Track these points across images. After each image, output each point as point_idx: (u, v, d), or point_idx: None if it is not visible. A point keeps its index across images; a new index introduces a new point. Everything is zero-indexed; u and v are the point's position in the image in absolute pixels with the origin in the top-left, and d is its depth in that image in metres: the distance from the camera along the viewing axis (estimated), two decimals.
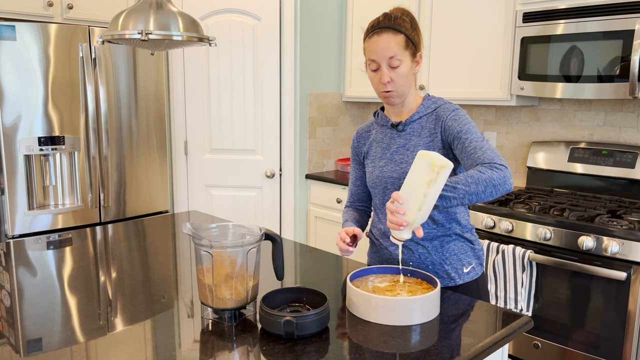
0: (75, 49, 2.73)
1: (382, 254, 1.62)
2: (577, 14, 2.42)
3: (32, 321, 1.25)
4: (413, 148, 1.52)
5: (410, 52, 1.47)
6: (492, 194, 1.30)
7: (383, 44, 1.44)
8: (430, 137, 1.51)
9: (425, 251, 1.54)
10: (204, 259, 1.22)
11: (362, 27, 3.30)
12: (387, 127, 1.60)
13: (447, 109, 1.50)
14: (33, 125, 2.64)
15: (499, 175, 1.30)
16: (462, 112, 1.49)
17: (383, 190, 1.57)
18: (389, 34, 1.44)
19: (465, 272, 1.55)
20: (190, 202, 3.46)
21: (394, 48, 1.44)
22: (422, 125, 1.53)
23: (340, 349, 1.12)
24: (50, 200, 2.80)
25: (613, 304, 2.17)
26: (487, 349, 1.16)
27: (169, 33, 1.46)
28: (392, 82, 1.47)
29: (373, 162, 1.61)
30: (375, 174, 1.59)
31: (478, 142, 1.39)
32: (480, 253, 1.61)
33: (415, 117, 1.54)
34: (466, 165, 1.41)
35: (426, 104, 1.55)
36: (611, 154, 2.63)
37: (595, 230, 2.18)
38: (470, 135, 1.41)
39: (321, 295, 1.25)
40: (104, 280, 1.53)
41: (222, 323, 1.24)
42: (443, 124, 1.48)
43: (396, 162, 1.54)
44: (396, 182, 1.53)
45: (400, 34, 1.44)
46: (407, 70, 1.47)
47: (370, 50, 1.47)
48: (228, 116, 3.36)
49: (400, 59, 1.45)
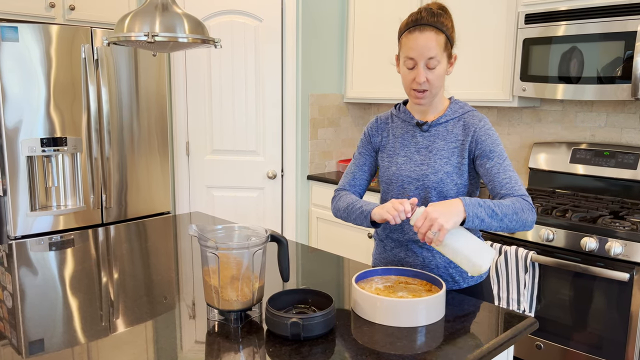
0: (77, 50, 2.73)
1: (388, 255, 1.61)
2: (579, 16, 2.42)
3: (34, 322, 1.25)
4: (436, 151, 1.49)
5: (448, 54, 1.43)
6: (516, 229, 1.37)
7: (424, 42, 1.38)
8: (456, 143, 1.48)
9: (430, 254, 1.53)
10: (209, 261, 1.22)
11: (400, 18, 3.17)
12: (410, 123, 1.55)
13: (477, 119, 1.48)
14: (35, 126, 2.64)
15: (532, 219, 1.38)
16: (492, 127, 1.49)
17: (399, 188, 1.53)
18: (431, 33, 1.38)
19: (470, 276, 1.54)
20: (192, 203, 3.46)
21: (435, 49, 1.39)
22: (447, 130, 1.50)
23: (346, 351, 1.12)
24: (53, 201, 2.79)
25: (616, 305, 2.17)
26: (493, 350, 1.16)
27: (174, 35, 1.46)
28: (427, 83, 1.42)
29: (390, 157, 1.56)
30: (392, 170, 1.54)
31: (510, 172, 1.42)
32: None
33: (442, 120, 1.51)
34: (491, 185, 1.43)
35: (454, 107, 1.52)
36: (613, 155, 2.63)
37: (598, 232, 2.18)
38: (502, 161, 1.43)
39: (327, 296, 1.25)
40: (106, 281, 1.53)
41: (228, 324, 1.24)
42: (475, 136, 1.46)
43: (416, 162, 1.51)
44: (414, 182, 1.50)
45: (442, 33, 1.40)
46: (443, 71, 1.43)
47: (408, 46, 1.41)
48: (230, 117, 3.36)
49: (439, 60, 1.40)
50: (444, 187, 1.47)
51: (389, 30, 3.30)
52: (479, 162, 1.46)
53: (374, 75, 3.42)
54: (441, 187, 1.47)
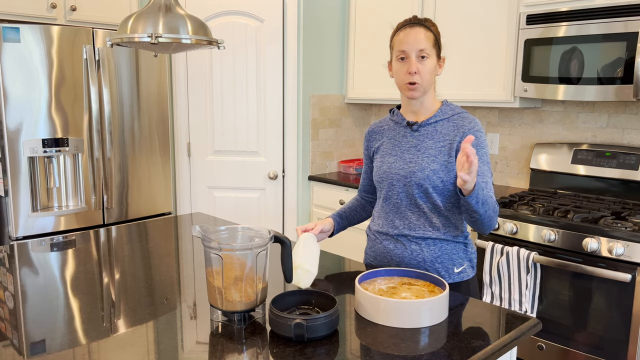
0: (78, 50, 2.72)
1: (377, 248, 1.66)
2: (580, 17, 2.42)
3: (35, 323, 1.24)
4: (424, 149, 1.56)
5: (436, 53, 1.54)
6: (485, 224, 1.47)
7: (415, 35, 1.50)
8: (444, 142, 1.55)
9: (418, 247, 1.57)
10: (213, 262, 1.22)
11: (392, 25, 3.31)
12: (401, 125, 1.63)
13: (467, 120, 1.57)
14: (37, 127, 2.64)
15: (495, 225, 1.52)
16: (484, 133, 1.56)
17: (388, 185, 1.61)
18: (421, 29, 1.52)
19: (456, 272, 1.59)
20: (193, 203, 3.46)
21: (425, 42, 1.50)
22: (436, 129, 1.58)
23: (350, 352, 1.11)
24: (54, 202, 2.79)
25: (617, 306, 2.17)
26: (497, 351, 1.16)
27: (178, 36, 1.46)
28: (419, 74, 1.51)
29: (382, 157, 1.64)
30: (382, 169, 1.63)
31: (487, 177, 1.51)
32: (472, 256, 1.64)
33: (432, 120, 1.58)
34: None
35: (444, 109, 1.60)
36: (614, 156, 2.63)
37: (600, 232, 2.18)
38: (482, 165, 1.52)
39: (330, 297, 1.25)
40: (107, 282, 1.52)
41: (232, 325, 1.24)
42: (464, 136, 1.53)
43: (405, 160, 1.58)
44: (402, 179, 1.57)
45: (430, 32, 1.53)
46: (433, 66, 1.53)
47: (400, 41, 1.52)
48: (231, 118, 3.35)
49: (429, 53, 1.51)
50: (431, 184, 1.53)
51: (389, 31, 3.30)
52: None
53: (375, 76, 3.42)
54: (427, 184, 1.53)
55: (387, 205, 1.63)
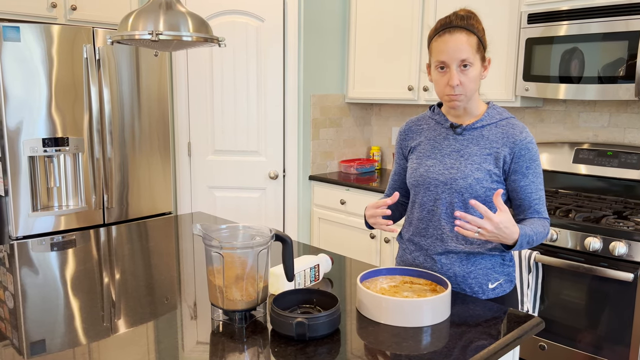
0: (78, 50, 2.72)
1: (406, 259, 1.58)
2: (581, 16, 2.41)
3: (36, 323, 1.24)
4: (468, 156, 1.45)
5: (481, 56, 1.40)
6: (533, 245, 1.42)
7: (455, 44, 1.35)
8: (491, 150, 1.43)
9: (449, 262, 1.47)
10: (214, 260, 1.21)
11: (430, 25, 3.21)
12: (443, 126, 1.51)
13: (518, 129, 1.44)
14: (37, 127, 2.63)
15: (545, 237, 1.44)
16: (534, 143, 1.44)
17: (425, 190, 1.49)
18: (462, 34, 1.35)
19: (490, 288, 1.48)
20: (193, 203, 3.45)
21: (467, 50, 1.35)
22: (482, 134, 1.46)
23: (351, 351, 1.11)
24: (54, 201, 2.79)
25: (620, 306, 2.16)
26: (500, 350, 1.15)
27: (179, 34, 1.46)
28: (461, 86, 1.37)
29: (419, 158, 1.52)
30: (419, 172, 1.50)
31: (540, 191, 1.44)
32: (510, 269, 1.52)
33: (478, 125, 1.46)
34: (519, 201, 1.46)
35: (491, 113, 1.47)
36: (616, 155, 2.62)
37: (602, 232, 2.17)
38: (535, 179, 1.44)
39: (332, 296, 1.24)
40: (107, 282, 1.52)
41: (233, 324, 1.23)
42: (515, 150, 1.42)
43: (446, 165, 1.47)
44: (441, 185, 1.46)
45: (473, 35, 1.36)
46: (477, 74, 1.39)
47: (439, 50, 1.37)
48: (231, 117, 3.35)
49: (471, 62, 1.36)
50: (473, 194, 1.43)
51: (390, 30, 3.30)
52: (513, 178, 1.43)
53: (376, 76, 3.42)
54: (470, 193, 1.43)
55: (421, 212, 1.51)
